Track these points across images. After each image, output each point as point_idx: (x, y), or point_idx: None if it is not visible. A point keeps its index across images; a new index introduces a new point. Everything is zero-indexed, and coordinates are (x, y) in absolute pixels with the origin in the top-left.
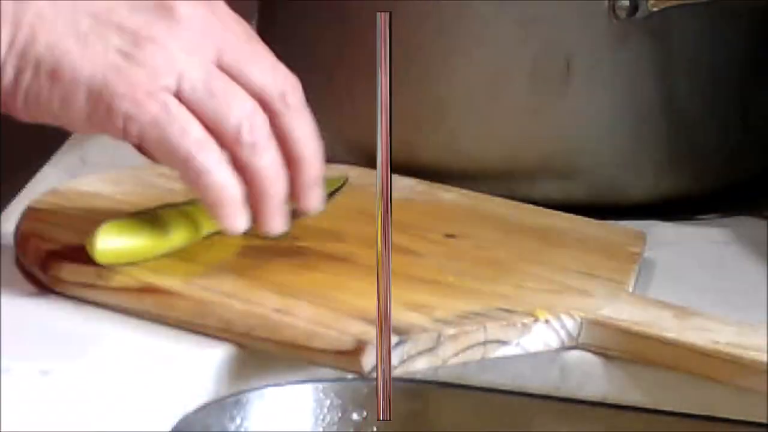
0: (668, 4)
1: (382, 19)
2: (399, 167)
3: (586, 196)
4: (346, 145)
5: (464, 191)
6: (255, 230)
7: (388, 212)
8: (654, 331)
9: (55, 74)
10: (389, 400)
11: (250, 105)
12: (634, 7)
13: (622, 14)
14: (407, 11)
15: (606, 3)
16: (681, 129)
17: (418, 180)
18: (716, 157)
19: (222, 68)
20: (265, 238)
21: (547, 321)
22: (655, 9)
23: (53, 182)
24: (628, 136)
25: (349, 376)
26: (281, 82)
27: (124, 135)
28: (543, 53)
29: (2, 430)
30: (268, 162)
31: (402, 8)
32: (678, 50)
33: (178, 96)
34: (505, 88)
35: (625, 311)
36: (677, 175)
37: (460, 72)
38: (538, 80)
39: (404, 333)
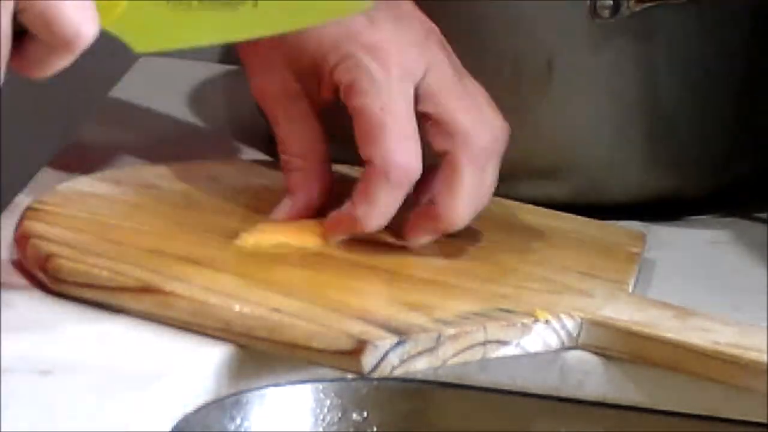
0: (650, 3)
1: None
2: None
3: (569, 196)
4: (347, 144)
5: None
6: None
7: None
8: (654, 331)
9: None
10: None
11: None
12: (616, 7)
13: (604, 14)
14: None
15: (588, 2)
16: (664, 129)
17: None
18: (704, 158)
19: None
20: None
21: (547, 321)
22: (637, 8)
23: (53, 182)
24: (611, 136)
25: (349, 376)
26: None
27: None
28: (525, 53)
29: (2, 430)
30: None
31: None
32: (661, 49)
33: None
34: (487, 88)
35: (625, 311)
36: (662, 176)
37: None
38: (520, 80)
39: (404, 333)
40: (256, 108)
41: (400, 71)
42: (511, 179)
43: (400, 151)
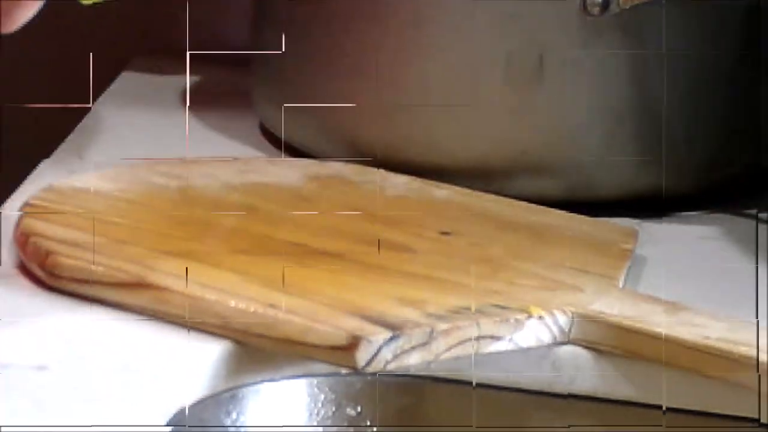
0: (639, 0)
1: None
2: (378, 164)
3: (563, 193)
4: (342, 141)
5: (458, 189)
6: None
7: None
8: (644, 326)
9: None
10: None
11: None
12: (605, 4)
13: (594, 11)
14: (383, 7)
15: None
16: (654, 126)
17: (412, 177)
18: (695, 154)
19: None
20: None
21: (540, 317)
22: (626, 6)
23: (50, 179)
24: (603, 133)
25: (343, 371)
26: None
27: None
28: (517, 50)
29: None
30: None
31: (378, 4)
32: (651, 46)
33: None
34: (480, 85)
35: (616, 307)
36: (654, 172)
37: (435, 69)
38: (512, 77)
39: (397, 328)
40: (256, 107)
41: None
42: (506, 176)
43: None
